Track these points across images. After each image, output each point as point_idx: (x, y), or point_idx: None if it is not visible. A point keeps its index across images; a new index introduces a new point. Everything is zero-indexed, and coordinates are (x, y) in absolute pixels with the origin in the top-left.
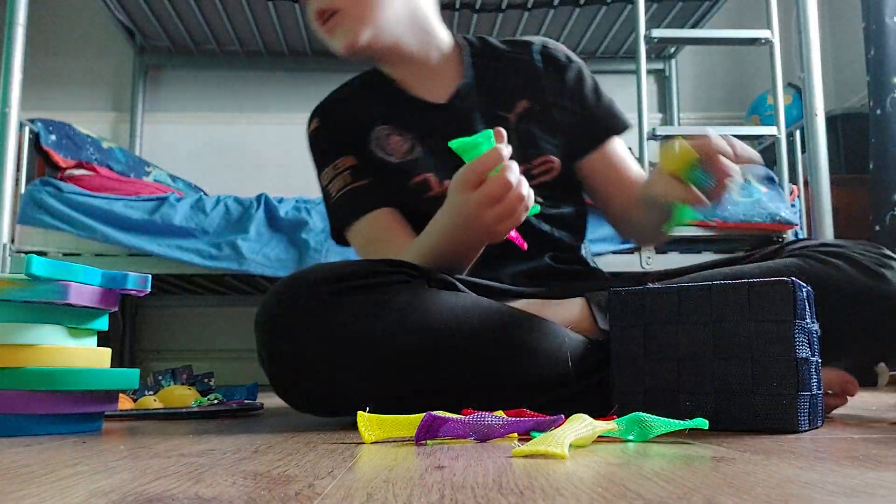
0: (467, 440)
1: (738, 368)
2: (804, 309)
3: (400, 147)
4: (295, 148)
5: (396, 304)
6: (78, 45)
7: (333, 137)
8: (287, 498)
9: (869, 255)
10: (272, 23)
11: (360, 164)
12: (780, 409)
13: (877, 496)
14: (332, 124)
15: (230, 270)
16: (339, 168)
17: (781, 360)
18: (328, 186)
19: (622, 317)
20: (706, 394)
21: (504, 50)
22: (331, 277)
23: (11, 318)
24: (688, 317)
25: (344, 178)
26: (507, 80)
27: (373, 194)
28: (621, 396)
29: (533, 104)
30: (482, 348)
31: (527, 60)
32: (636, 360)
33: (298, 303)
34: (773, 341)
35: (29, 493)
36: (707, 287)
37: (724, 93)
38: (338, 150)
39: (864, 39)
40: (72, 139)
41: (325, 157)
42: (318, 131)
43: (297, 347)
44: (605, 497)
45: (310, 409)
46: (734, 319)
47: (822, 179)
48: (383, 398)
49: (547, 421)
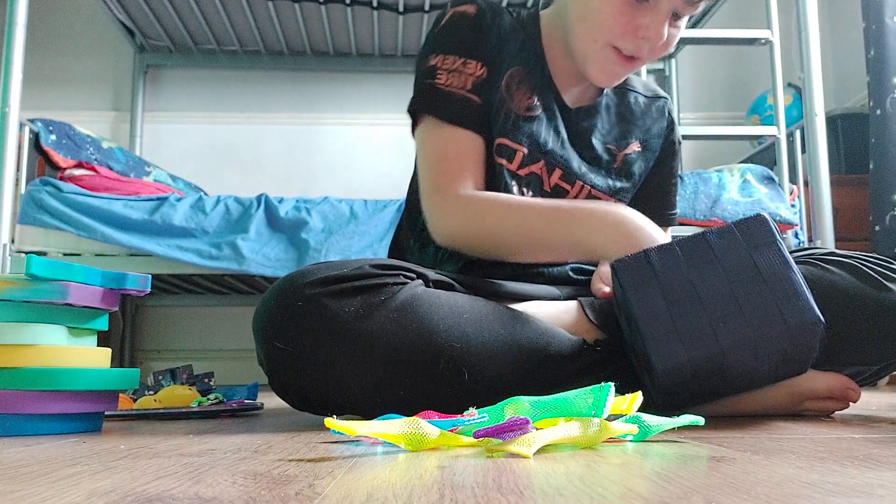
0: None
1: (755, 287)
2: (778, 231)
3: (522, 101)
4: (295, 148)
5: (393, 304)
6: (78, 45)
7: (481, 36)
8: (287, 498)
9: (874, 266)
10: (272, 23)
11: (486, 82)
12: (800, 303)
13: (877, 496)
14: (490, 25)
15: (230, 270)
16: (468, 70)
17: (783, 269)
18: (441, 73)
19: (635, 282)
20: (737, 321)
21: (638, 91)
22: (328, 279)
23: (11, 318)
24: (695, 262)
25: (465, 80)
26: (631, 120)
27: (479, 116)
28: (664, 362)
29: (642, 150)
30: (478, 348)
31: (655, 114)
32: (661, 313)
33: (295, 303)
34: (772, 258)
35: (29, 493)
36: (701, 235)
37: (724, 93)
38: (476, 51)
39: (864, 39)
40: (72, 139)
41: (460, 47)
42: (470, 18)
43: (295, 348)
44: (605, 497)
45: (308, 409)
46: (735, 251)
47: (822, 179)
48: (380, 398)
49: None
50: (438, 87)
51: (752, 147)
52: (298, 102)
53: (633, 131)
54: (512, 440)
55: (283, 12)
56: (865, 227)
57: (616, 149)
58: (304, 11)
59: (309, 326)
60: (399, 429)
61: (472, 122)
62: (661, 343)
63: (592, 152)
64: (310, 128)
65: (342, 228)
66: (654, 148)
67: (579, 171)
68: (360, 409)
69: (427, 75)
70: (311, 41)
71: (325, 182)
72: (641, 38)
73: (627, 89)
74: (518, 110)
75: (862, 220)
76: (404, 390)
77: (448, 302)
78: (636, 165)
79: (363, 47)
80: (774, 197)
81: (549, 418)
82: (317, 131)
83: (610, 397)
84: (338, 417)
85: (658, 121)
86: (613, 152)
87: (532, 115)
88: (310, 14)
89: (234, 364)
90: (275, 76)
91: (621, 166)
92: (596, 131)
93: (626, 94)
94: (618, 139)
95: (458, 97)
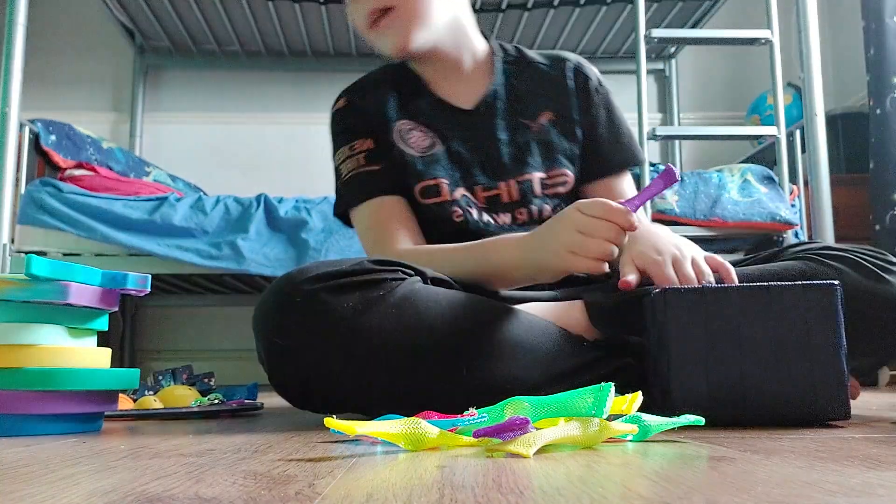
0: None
1: (798, 362)
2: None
3: (421, 142)
4: (295, 148)
5: (391, 299)
6: (78, 45)
7: (357, 119)
8: (287, 498)
9: (872, 259)
10: (272, 23)
11: (376, 149)
12: (836, 398)
13: (877, 496)
14: (358, 106)
15: (230, 270)
16: (356, 150)
17: (834, 355)
18: (341, 166)
19: (680, 315)
20: (770, 387)
21: (537, 61)
22: (326, 274)
23: (11, 318)
24: (748, 315)
25: (358, 160)
26: (536, 91)
27: (384, 180)
28: (683, 391)
29: (557, 118)
30: (476, 344)
31: (558, 75)
32: (699, 357)
33: (294, 299)
34: (827, 337)
35: (29, 493)
36: (765, 287)
37: (724, 93)
38: (358, 131)
39: (864, 39)
40: (72, 139)
41: (344, 136)
42: (343, 110)
43: (294, 343)
44: (605, 497)
45: (308, 406)
46: (792, 317)
47: (822, 179)
48: (379, 394)
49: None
50: (344, 181)
51: (752, 147)
52: (298, 102)
53: (541, 101)
54: (512, 440)
55: (284, 13)
56: (865, 226)
57: (528, 123)
58: (304, 12)
59: (308, 322)
60: (399, 428)
61: (381, 189)
62: (688, 380)
63: (505, 146)
64: (310, 128)
65: (342, 228)
66: (571, 107)
67: (498, 171)
68: (359, 406)
69: (336, 178)
70: (311, 41)
71: (325, 182)
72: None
73: (528, 62)
74: (419, 153)
75: (862, 219)
76: (403, 386)
77: (446, 298)
78: (554, 133)
79: (363, 47)
80: (774, 197)
81: (549, 418)
82: (317, 131)
83: (610, 397)
84: (337, 417)
85: (565, 81)
86: (526, 129)
87: (434, 150)
88: (310, 14)
89: (234, 364)
90: (275, 76)
91: (539, 139)
92: (499, 123)
93: (527, 68)
94: (527, 114)
95: (359, 177)
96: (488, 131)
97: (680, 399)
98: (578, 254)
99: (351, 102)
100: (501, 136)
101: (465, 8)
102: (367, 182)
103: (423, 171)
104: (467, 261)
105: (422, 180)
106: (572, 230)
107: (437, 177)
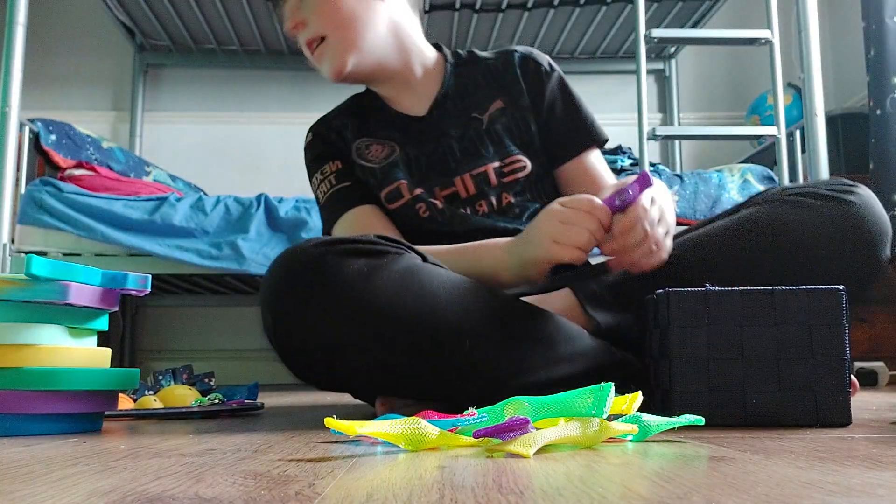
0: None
1: (801, 367)
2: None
3: (379, 153)
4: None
5: (396, 267)
6: (78, 45)
7: (323, 147)
8: (287, 498)
9: (832, 186)
10: (272, 22)
11: (344, 168)
12: (837, 405)
13: (877, 496)
14: (323, 136)
15: (230, 270)
16: (326, 173)
17: (836, 360)
18: (318, 192)
19: (682, 318)
20: (771, 392)
21: (486, 58)
22: (333, 240)
23: (11, 318)
24: (751, 319)
25: (330, 181)
26: (485, 84)
27: (355, 193)
28: (684, 395)
29: (507, 105)
30: (478, 318)
31: (506, 65)
32: (700, 359)
33: (301, 262)
34: (831, 342)
35: (29, 493)
36: (769, 291)
37: (724, 93)
38: (325, 158)
39: (864, 39)
40: (72, 139)
41: (315, 163)
42: (311, 143)
43: (301, 307)
44: (605, 497)
45: (310, 379)
46: (796, 322)
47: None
48: (381, 366)
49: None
50: (323, 205)
51: (752, 147)
52: (298, 102)
53: (490, 92)
54: (512, 440)
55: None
56: None
57: (480, 116)
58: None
59: (315, 282)
60: (399, 429)
61: (355, 200)
62: (688, 383)
63: (457, 143)
64: None
65: None
66: (521, 93)
67: (452, 169)
68: (361, 380)
69: (318, 204)
70: None
71: None
72: (292, 29)
73: (477, 60)
74: (377, 163)
75: None
76: (405, 357)
77: (447, 275)
78: (505, 120)
79: None
80: None
81: (549, 418)
82: None
83: (610, 397)
84: (337, 417)
85: (513, 69)
86: (479, 122)
87: (391, 158)
88: None
89: (234, 364)
90: (275, 76)
91: (490, 128)
92: (451, 121)
93: (476, 66)
94: (477, 108)
95: (333, 195)
96: (441, 132)
97: (680, 402)
98: (560, 242)
99: (317, 134)
100: (453, 133)
101: (408, 21)
102: (342, 197)
103: (383, 178)
104: (458, 264)
105: (383, 187)
106: (554, 221)
107: (396, 179)
